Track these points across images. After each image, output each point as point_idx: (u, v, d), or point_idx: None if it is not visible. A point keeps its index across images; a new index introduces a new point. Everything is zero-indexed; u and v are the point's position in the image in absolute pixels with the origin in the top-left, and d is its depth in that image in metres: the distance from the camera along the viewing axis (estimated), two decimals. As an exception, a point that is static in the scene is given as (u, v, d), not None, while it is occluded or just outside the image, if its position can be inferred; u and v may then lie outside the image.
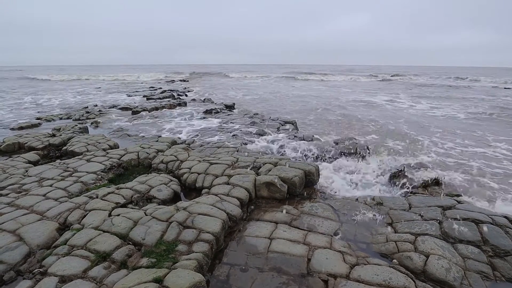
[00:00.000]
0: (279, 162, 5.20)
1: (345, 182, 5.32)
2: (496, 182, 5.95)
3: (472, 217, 3.71)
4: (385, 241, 3.43)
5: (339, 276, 2.86)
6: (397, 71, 72.65)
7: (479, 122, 12.88)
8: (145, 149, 6.48)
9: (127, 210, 3.83)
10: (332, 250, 3.22)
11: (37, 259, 3.16)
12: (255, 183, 4.54)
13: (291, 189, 4.55)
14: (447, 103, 18.80)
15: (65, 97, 21.79)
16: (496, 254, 3.21)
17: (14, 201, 4.15)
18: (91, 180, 4.96)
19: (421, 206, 4.12)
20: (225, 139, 8.10)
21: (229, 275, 2.95)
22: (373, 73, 58.55)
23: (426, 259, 3.05)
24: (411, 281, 2.76)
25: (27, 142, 7.68)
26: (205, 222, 3.48)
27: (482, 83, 36.96)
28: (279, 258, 3.13)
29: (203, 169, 5.12)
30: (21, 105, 17.16)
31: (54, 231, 3.51)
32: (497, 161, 7.45)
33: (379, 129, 10.67)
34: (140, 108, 14.25)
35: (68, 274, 2.78)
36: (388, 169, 5.80)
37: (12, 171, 5.36)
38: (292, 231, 3.55)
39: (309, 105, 17.34)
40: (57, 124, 10.92)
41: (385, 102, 18.87)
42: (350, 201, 4.39)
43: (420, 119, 13.17)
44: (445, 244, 3.29)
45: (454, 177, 6.01)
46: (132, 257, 3.05)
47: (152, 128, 10.30)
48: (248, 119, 11.13)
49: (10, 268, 3.00)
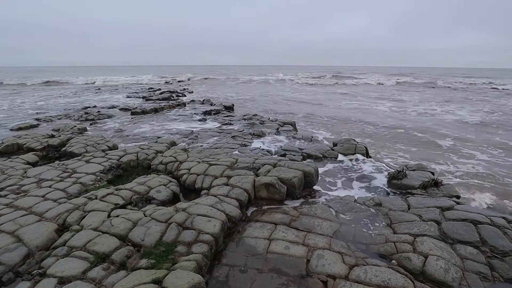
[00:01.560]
0: (278, 163, 5.21)
1: (344, 183, 5.32)
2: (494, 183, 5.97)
3: (470, 217, 3.72)
4: (384, 242, 3.43)
5: (338, 277, 2.86)
6: (403, 71, 72.24)
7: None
8: (144, 150, 6.48)
9: (127, 211, 3.83)
10: (331, 251, 3.22)
11: (36, 260, 3.15)
12: (254, 184, 4.54)
13: (290, 190, 4.55)
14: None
15: (64, 98, 21.78)
16: (494, 254, 3.22)
17: (13, 202, 4.15)
18: (90, 181, 4.96)
19: (420, 207, 4.13)
20: (225, 140, 8.11)
21: (228, 276, 2.95)
22: (382, 74, 58.16)
23: (425, 260, 3.06)
24: (410, 282, 2.77)
25: (26, 143, 7.68)
26: (204, 223, 3.48)
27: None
28: (278, 259, 3.13)
29: (203, 170, 5.13)
30: (20, 106, 17.14)
31: (53, 232, 3.50)
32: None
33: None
34: (139, 109, 14.25)
35: (67, 275, 2.78)
36: (387, 170, 5.81)
37: (10, 172, 5.35)
38: (291, 232, 3.56)
39: (304, 110, 17.37)
40: (56, 125, 10.92)
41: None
42: (349, 202, 4.40)
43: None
44: (443, 245, 3.29)
45: (451, 178, 6.03)
46: (131, 258, 3.05)
47: (151, 129, 10.31)
48: (247, 120, 11.15)
49: (8, 270, 2.99)
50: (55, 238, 3.44)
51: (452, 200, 4.30)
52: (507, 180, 6.32)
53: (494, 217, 3.79)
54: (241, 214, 3.93)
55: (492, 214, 3.92)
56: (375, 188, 5.12)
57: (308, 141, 8.09)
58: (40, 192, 4.43)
